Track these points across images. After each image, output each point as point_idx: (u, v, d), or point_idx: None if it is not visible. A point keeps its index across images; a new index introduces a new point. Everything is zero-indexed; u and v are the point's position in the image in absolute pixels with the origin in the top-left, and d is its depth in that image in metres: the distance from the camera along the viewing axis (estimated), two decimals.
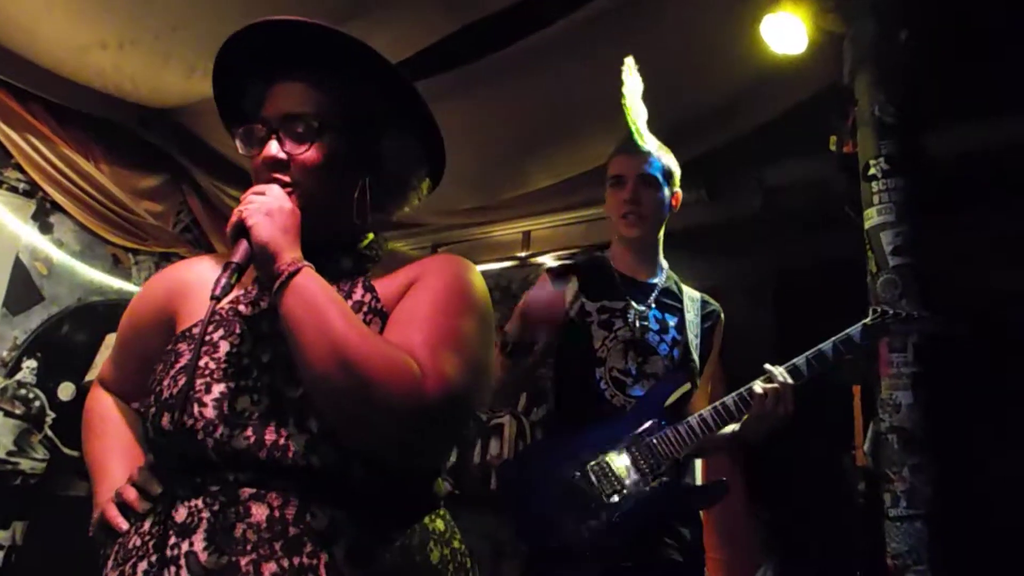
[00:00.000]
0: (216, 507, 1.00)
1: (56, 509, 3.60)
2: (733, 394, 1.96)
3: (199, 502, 1.01)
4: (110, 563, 1.08)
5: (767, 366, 1.95)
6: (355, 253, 1.22)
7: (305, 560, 0.98)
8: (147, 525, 1.06)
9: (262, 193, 1.10)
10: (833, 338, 1.95)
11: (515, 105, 3.62)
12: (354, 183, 1.17)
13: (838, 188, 2.78)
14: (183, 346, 1.14)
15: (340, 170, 1.16)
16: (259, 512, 0.99)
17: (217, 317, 1.15)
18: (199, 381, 1.06)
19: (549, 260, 4.57)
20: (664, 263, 2.26)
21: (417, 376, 0.99)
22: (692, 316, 2.19)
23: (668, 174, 2.20)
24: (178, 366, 1.10)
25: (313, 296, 1.02)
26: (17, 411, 3.74)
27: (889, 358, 2.21)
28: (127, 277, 4.26)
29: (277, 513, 1.00)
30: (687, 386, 2.05)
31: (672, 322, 2.15)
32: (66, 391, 3.92)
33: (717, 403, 1.98)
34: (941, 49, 2.59)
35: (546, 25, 3.09)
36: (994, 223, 2.78)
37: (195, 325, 1.16)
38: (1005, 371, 2.62)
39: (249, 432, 1.02)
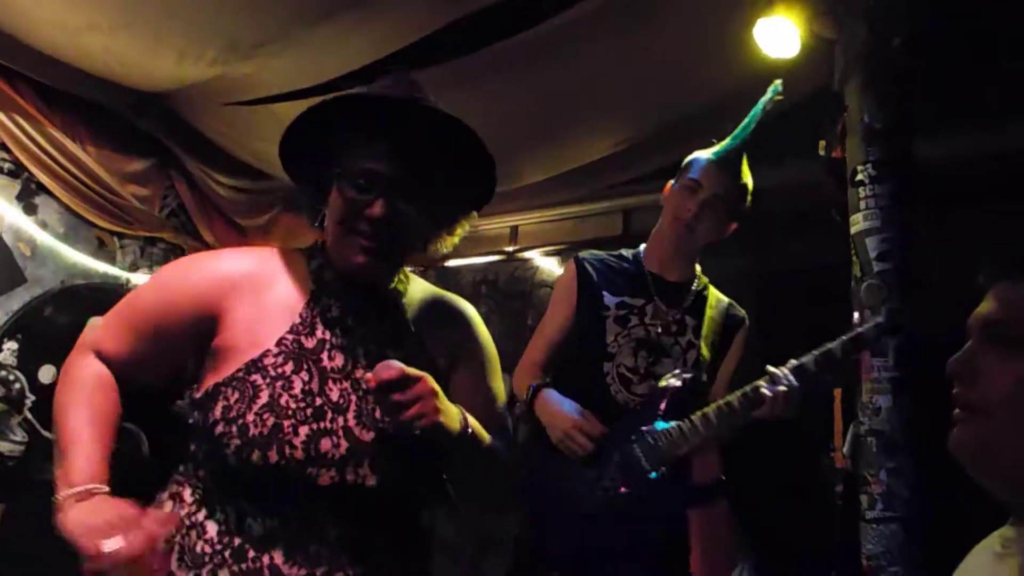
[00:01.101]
0: (293, 525, 1.15)
1: (35, 493, 3.57)
2: (737, 392, 1.96)
3: (274, 523, 1.15)
4: (173, 561, 1.17)
5: (771, 369, 1.94)
6: (395, 287, 1.35)
7: (369, 570, 1.17)
8: (211, 532, 1.17)
9: (430, 393, 1.16)
10: (840, 338, 1.94)
11: (506, 100, 3.63)
12: (427, 237, 1.37)
13: (825, 192, 2.80)
14: (259, 379, 1.19)
15: (422, 225, 1.32)
16: (332, 531, 1.16)
17: (284, 348, 1.22)
18: (286, 423, 1.16)
19: (537, 255, 4.59)
20: (697, 266, 2.26)
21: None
22: (713, 321, 2.20)
23: (741, 201, 2.23)
24: (259, 403, 1.17)
25: (483, 444, 1.27)
26: None
27: (870, 363, 2.24)
28: (111, 260, 4.24)
29: (347, 531, 1.17)
30: (693, 385, 2.08)
31: (691, 324, 2.16)
32: (47, 374, 3.89)
33: (721, 401, 1.98)
34: (933, 56, 2.61)
35: (538, 22, 3.09)
36: (984, 227, 2.81)
37: (265, 355, 1.22)
38: None
39: (334, 472, 1.16)
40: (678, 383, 2.03)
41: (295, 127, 1.25)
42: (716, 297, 2.24)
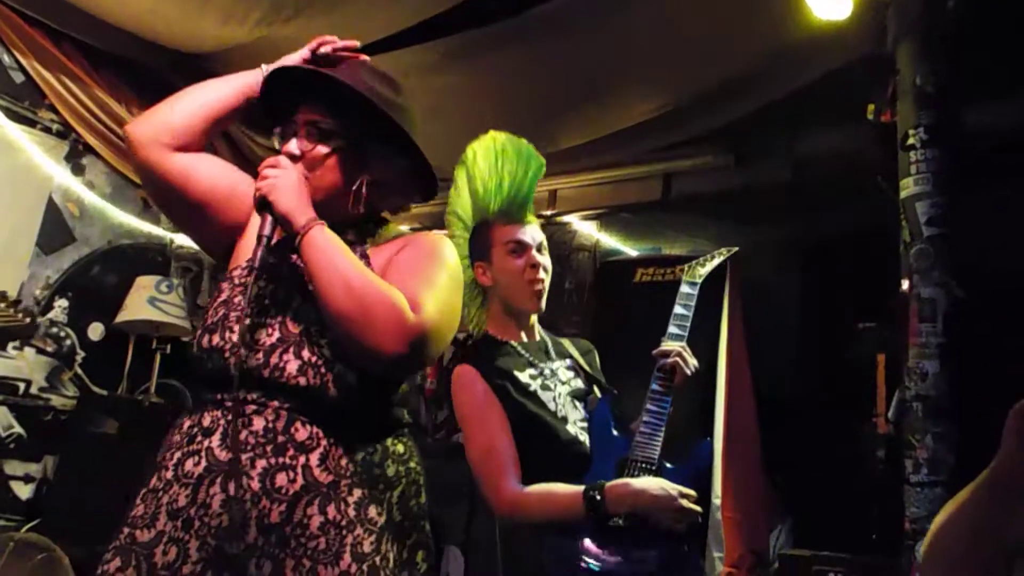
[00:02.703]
0: (229, 416, 1.32)
1: (85, 445, 3.68)
2: (652, 379, 2.03)
3: (218, 412, 1.35)
4: (163, 454, 1.38)
5: (654, 351, 2.05)
6: (357, 229, 1.53)
7: (287, 460, 1.31)
8: (185, 426, 1.39)
9: (274, 165, 1.40)
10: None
11: (545, 64, 3.61)
12: (351, 181, 1.48)
13: (871, 158, 2.77)
14: (225, 285, 1.47)
15: (339, 168, 1.47)
16: (258, 422, 1.32)
17: (251, 263, 1.41)
18: (232, 314, 1.38)
19: (575, 219, 4.59)
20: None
21: (404, 306, 1.30)
22: (575, 352, 2.23)
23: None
24: (219, 299, 1.44)
25: (326, 245, 1.34)
26: (49, 349, 3.82)
27: (918, 328, 2.23)
28: (156, 221, 4.31)
29: (270, 424, 1.32)
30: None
31: (568, 362, 2.19)
32: (96, 331, 3.99)
33: (648, 393, 2.02)
34: (988, 18, 2.56)
35: None
36: None
37: (236, 268, 1.50)
38: None
39: (260, 356, 1.34)
40: (603, 405, 2.09)
41: (262, 93, 1.55)
42: (565, 340, 2.29)
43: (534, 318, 2.19)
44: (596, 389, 2.19)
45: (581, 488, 1.87)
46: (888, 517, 2.37)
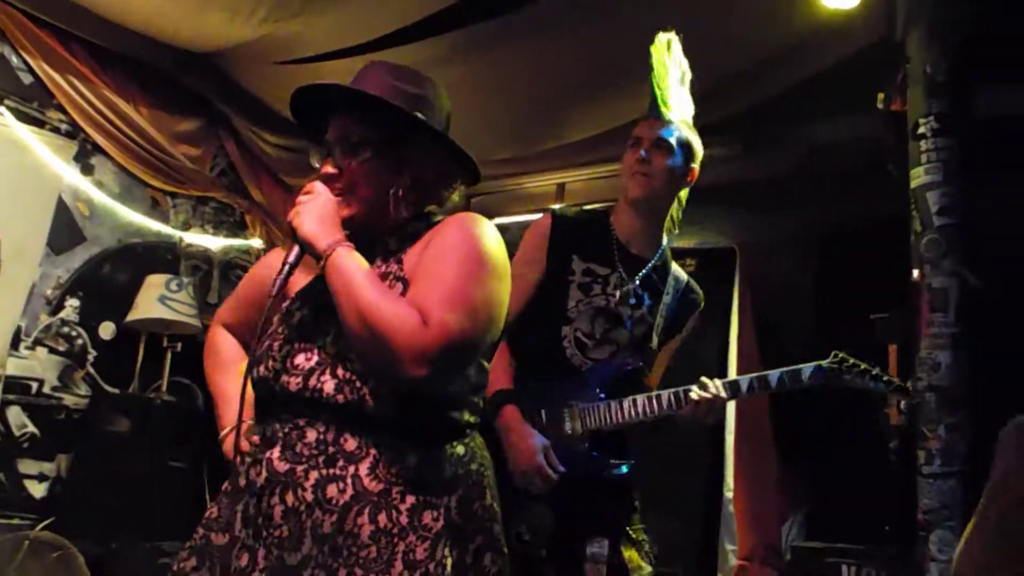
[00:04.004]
0: (286, 429, 1.37)
1: (98, 443, 3.70)
2: (670, 390, 2.08)
3: (276, 426, 1.39)
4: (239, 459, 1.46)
5: (704, 379, 2.07)
6: (400, 234, 1.51)
7: (337, 471, 1.33)
8: (249, 442, 1.45)
9: (308, 191, 1.43)
10: (782, 369, 2.07)
11: (553, 57, 3.60)
12: (391, 187, 1.47)
13: (881, 146, 2.75)
14: (276, 318, 1.51)
15: (376, 177, 1.47)
16: (311, 435, 1.35)
17: (302, 294, 1.50)
18: (276, 343, 1.43)
19: None
20: (664, 240, 2.27)
21: (419, 327, 1.27)
22: (668, 299, 2.24)
23: (685, 145, 2.22)
24: (268, 331, 1.49)
25: (343, 270, 1.34)
26: (60, 348, 3.84)
27: (930, 318, 2.21)
28: (165, 220, 4.32)
29: (322, 436, 1.35)
30: (638, 365, 2.18)
31: (647, 302, 2.20)
32: (107, 330, 4.01)
33: (653, 394, 2.09)
34: (999, 6, 2.53)
35: None
36: None
37: (288, 302, 1.52)
38: None
39: (300, 379, 1.37)
40: (623, 364, 2.15)
41: (295, 113, 1.56)
42: (676, 275, 2.26)
43: (657, 225, 2.22)
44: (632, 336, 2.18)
45: (510, 392, 2.06)
46: (901, 509, 2.35)
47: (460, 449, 1.44)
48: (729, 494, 3.25)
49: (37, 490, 3.69)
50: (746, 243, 3.55)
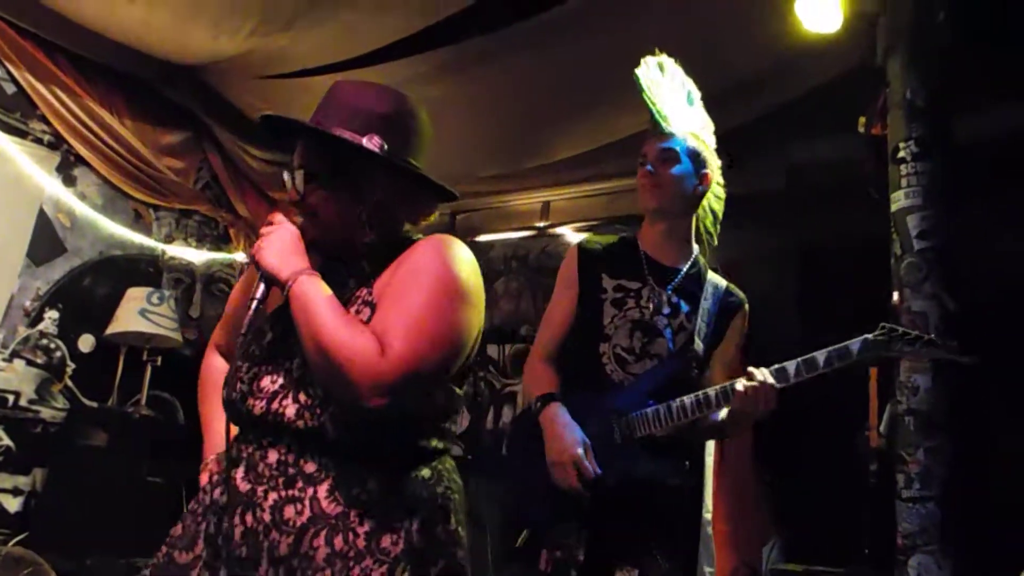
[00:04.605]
0: (250, 450, 1.38)
1: (75, 457, 3.66)
2: (718, 386, 2.03)
3: (243, 446, 1.40)
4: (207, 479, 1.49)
5: (750, 368, 2.00)
6: (373, 256, 1.49)
7: (296, 492, 1.33)
8: (223, 454, 1.45)
9: (270, 222, 1.44)
10: (829, 348, 1.96)
11: (539, 75, 3.61)
12: (354, 212, 1.46)
13: (864, 169, 2.77)
14: (243, 338, 1.44)
15: (334, 203, 1.46)
16: (272, 456, 1.36)
17: (275, 315, 1.50)
18: (244, 365, 1.43)
19: (568, 231, 4.58)
20: (696, 248, 2.27)
21: (375, 358, 1.27)
22: (708, 304, 2.22)
23: (692, 153, 2.22)
24: (238, 353, 1.46)
25: (304, 299, 1.34)
26: (39, 360, 3.80)
27: None
28: (148, 232, 4.30)
29: (283, 457, 1.35)
30: (686, 371, 2.14)
31: (684, 309, 2.19)
32: (86, 343, 3.97)
33: (699, 392, 2.04)
34: (977, 32, 2.56)
35: None
36: None
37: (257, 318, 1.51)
38: None
39: (263, 403, 1.37)
40: (669, 368, 2.12)
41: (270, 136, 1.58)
42: (713, 281, 2.26)
43: (683, 234, 2.24)
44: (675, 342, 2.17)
45: (554, 393, 2.09)
46: (881, 531, 2.35)
47: (426, 472, 1.42)
48: (708, 516, 3.24)
49: (11, 504, 3.64)
50: (728, 261, 3.56)
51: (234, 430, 1.45)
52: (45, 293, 3.85)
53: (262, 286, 1.39)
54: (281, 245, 1.40)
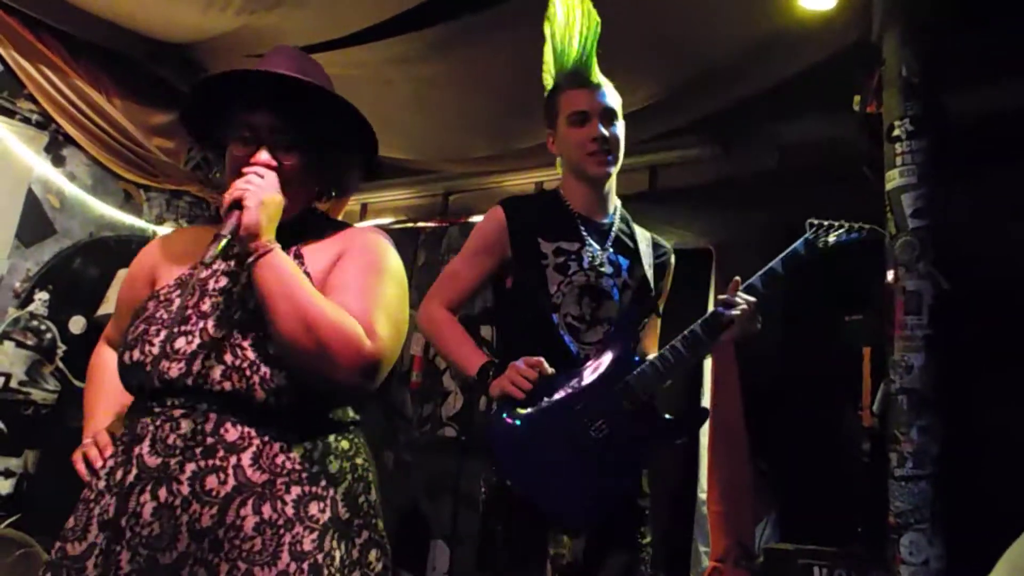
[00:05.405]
0: (157, 423, 1.31)
1: (67, 439, 3.62)
2: (698, 321, 1.98)
3: (148, 419, 1.33)
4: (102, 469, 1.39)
5: (723, 296, 2.00)
6: (292, 226, 1.46)
7: (217, 462, 1.28)
8: (119, 435, 1.38)
9: (261, 176, 1.37)
10: (778, 257, 2.03)
11: (530, 55, 3.56)
12: (313, 184, 1.51)
13: (857, 147, 2.75)
14: (151, 303, 1.44)
15: (303, 175, 1.47)
16: (185, 425, 1.30)
17: (179, 280, 1.47)
18: (152, 328, 1.37)
19: None
20: (617, 200, 2.20)
21: (360, 336, 1.30)
22: (644, 247, 2.16)
23: (619, 107, 2.14)
24: (141, 317, 1.42)
25: (280, 270, 1.31)
26: (29, 342, 3.78)
27: (903, 320, 2.21)
28: (138, 213, 4.27)
29: (199, 426, 1.30)
30: (647, 318, 2.12)
31: (624, 264, 2.11)
32: (77, 324, 3.95)
33: (686, 331, 1.98)
34: (974, 8, 2.54)
35: None
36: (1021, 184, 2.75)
37: (164, 288, 1.47)
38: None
39: (182, 364, 1.32)
40: (629, 324, 2.06)
41: (194, 97, 1.52)
42: (639, 231, 2.19)
43: (611, 187, 2.14)
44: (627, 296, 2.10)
45: (485, 359, 1.97)
46: (873, 510, 2.36)
47: (345, 444, 1.44)
48: (703, 495, 3.24)
49: (3, 486, 3.64)
50: (722, 243, 3.55)
51: (123, 408, 1.43)
52: (35, 274, 3.83)
53: (231, 225, 1.32)
54: (272, 210, 1.36)
